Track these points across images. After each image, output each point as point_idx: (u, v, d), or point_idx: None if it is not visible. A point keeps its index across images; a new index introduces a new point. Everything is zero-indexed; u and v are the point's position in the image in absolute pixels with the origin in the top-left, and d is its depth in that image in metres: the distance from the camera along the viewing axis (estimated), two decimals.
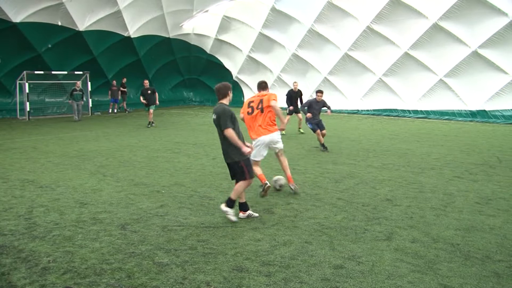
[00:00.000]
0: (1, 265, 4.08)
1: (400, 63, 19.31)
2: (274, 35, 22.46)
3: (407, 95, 19.99)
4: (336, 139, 12.62)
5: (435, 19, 17.27)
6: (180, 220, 5.38)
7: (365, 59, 20.28)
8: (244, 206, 5.49)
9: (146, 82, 16.86)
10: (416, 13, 17.68)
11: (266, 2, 21.40)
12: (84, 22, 19.97)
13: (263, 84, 6.74)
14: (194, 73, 28.00)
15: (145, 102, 16.40)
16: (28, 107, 19.45)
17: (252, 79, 24.84)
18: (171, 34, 24.26)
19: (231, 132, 5.22)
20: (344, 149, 10.88)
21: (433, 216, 5.50)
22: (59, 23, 19.26)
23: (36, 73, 19.79)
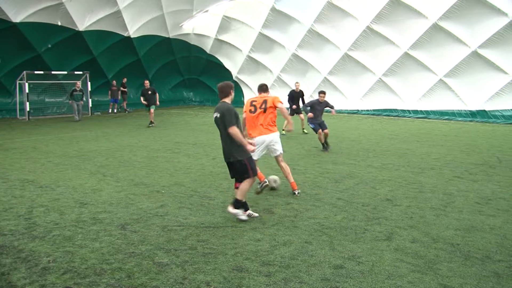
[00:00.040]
0: (1, 265, 4.07)
1: (400, 63, 19.31)
2: (274, 35, 22.46)
3: (407, 95, 20.00)
4: (336, 139, 12.61)
5: (435, 19, 17.28)
6: (180, 220, 5.38)
7: (365, 59, 20.28)
8: (244, 206, 5.49)
9: (146, 82, 16.88)
10: (416, 13, 17.68)
11: (266, 2, 21.39)
12: (84, 22, 19.97)
13: (264, 87, 6.83)
14: (194, 73, 28.00)
15: (145, 103, 16.45)
16: (28, 107, 19.45)
17: (252, 79, 24.84)
18: (171, 34, 24.26)
19: (236, 130, 5.23)
20: (344, 149, 10.88)
21: (433, 216, 5.50)
22: (59, 23, 19.26)
23: (36, 73, 19.79)
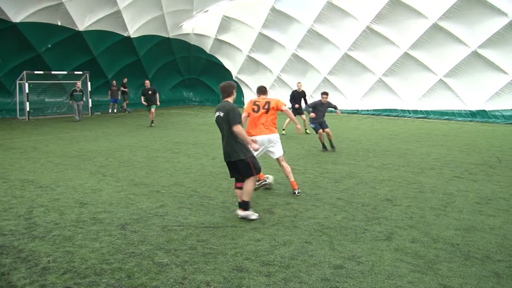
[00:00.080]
0: (1, 265, 4.07)
1: (400, 63, 19.31)
2: (274, 35, 22.46)
3: (407, 95, 19.99)
4: (336, 139, 12.57)
5: (435, 19, 17.28)
6: (180, 220, 5.38)
7: (365, 59, 20.28)
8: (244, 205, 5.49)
9: (147, 82, 16.98)
10: (416, 13, 17.68)
11: (266, 2, 21.39)
12: (84, 22, 19.96)
13: (263, 89, 6.98)
14: (194, 73, 27.99)
15: (145, 104, 16.55)
16: (28, 107, 19.44)
17: (252, 79, 24.84)
18: (171, 34, 24.26)
19: (241, 128, 5.24)
20: (344, 149, 10.87)
21: (433, 216, 5.50)
22: (59, 23, 19.26)
23: (36, 73, 19.78)
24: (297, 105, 14.13)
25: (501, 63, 16.71)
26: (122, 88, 23.18)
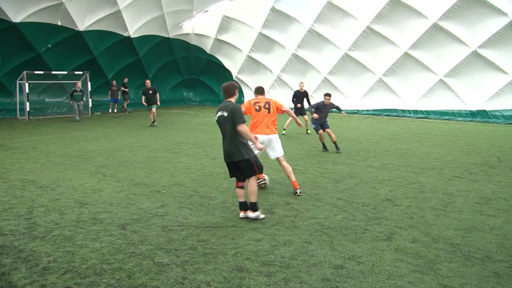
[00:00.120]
0: (1, 265, 4.07)
1: (400, 63, 19.31)
2: (274, 35, 22.46)
3: (407, 95, 20.00)
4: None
5: (435, 19, 17.28)
6: (180, 220, 5.38)
7: (365, 59, 20.28)
8: (244, 206, 5.49)
9: (148, 82, 17.16)
10: (416, 13, 17.68)
11: (266, 2, 21.39)
12: (84, 22, 19.96)
13: (260, 90, 7.05)
14: (194, 73, 27.99)
15: (145, 104, 16.71)
16: (28, 107, 19.43)
17: (252, 79, 24.84)
18: (171, 34, 24.25)
19: (246, 127, 5.28)
20: (344, 149, 10.87)
21: (433, 216, 5.50)
22: (59, 23, 19.25)
23: (36, 73, 19.77)
24: (299, 105, 14.14)
25: (501, 63, 16.72)
26: (122, 88, 23.19)
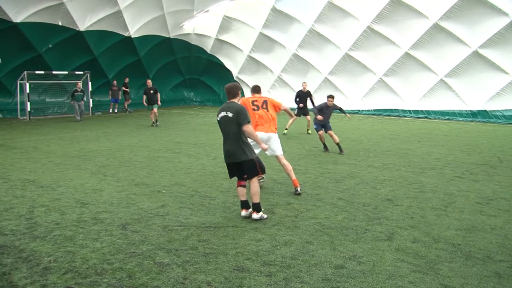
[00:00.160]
0: (2, 265, 4.08)
1: (400, 63, 19.31)
2: (274, 35, 22.46)
3: (408, 95, 19.99)
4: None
5: (435, 19, 17.27)
6: (181, 220, 5.38)
7: (365, 59, 20.28)
8: (245, 204, 5.49)
9: (149, 81, 17.22)
10: (416, 13, 17.67)
11: (266, 2, 21.39)
12: (84, 22, 19.97)
13: (257, 88, 7.14)
14: (195, 73, 28.00)
15: (146, 104, 16.79)
16: (28, 107, 19.43)
17: (252, 79, 24.80)
18: (171, 34, 24.26)
19: (251, 128, 5.31)
20: (344, 149, 10.86)
21: (434, 216, 5.49)
22: (60, 23, 19.27)
23: (36, 73, 19.77)
24: (301, 105, 14.12)
25: (502, 63, 16.71)
26: (123, 88, 23.20)
